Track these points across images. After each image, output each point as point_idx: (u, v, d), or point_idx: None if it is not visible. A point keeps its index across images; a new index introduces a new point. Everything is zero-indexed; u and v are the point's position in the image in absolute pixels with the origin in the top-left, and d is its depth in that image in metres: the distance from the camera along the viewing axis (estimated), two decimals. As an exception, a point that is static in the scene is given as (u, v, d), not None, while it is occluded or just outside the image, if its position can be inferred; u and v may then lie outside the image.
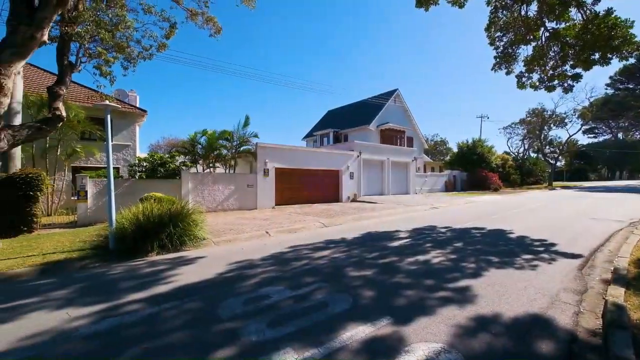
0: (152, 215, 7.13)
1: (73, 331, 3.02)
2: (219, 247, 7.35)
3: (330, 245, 6.92)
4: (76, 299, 3.96)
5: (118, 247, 6.78)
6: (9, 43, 6.78)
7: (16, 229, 9.39)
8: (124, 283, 4.63)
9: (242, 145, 16.73)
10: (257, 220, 11.20)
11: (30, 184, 9.77)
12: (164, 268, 5.42)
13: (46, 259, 6.17)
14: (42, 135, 8.15)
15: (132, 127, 18.16)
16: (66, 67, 8.55)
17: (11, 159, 10.77)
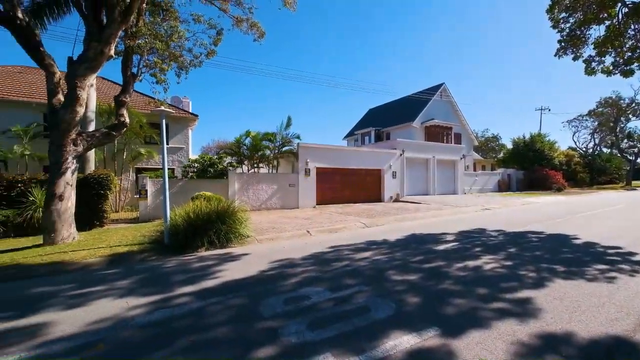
0: (201, 213, 7.57)
1: (130, 320, 3.28)
2: (262, 244, 7.56)
3: (372, 247, 6.72)
4: (135, 290, 4.32)
5: (172, 242, 7.32)
6: (84, 59, 7.67)
7: (91, 223, 10.62)
8: (176, 276, 4.95)
9: (284, 145, 17.12)
10: (298, 220, 11.34)
11: (102, 184, 11.00)
12: (211, 264, 5.70)
13: (113, 250, 6.88)
14: (110, 140, 9.13)
15: (185, 130, 19.60)
16: (129, 77, 9.46)
17: (87, 161, 12.23)
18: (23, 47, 7.30)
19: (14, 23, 7.07)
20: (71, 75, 7.55)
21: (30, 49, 7.36)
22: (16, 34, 7.15)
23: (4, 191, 9.86)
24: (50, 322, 3.33)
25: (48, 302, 3.94)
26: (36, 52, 7.41)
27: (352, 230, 9.29)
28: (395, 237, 7.77)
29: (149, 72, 9.49)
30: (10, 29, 7.07)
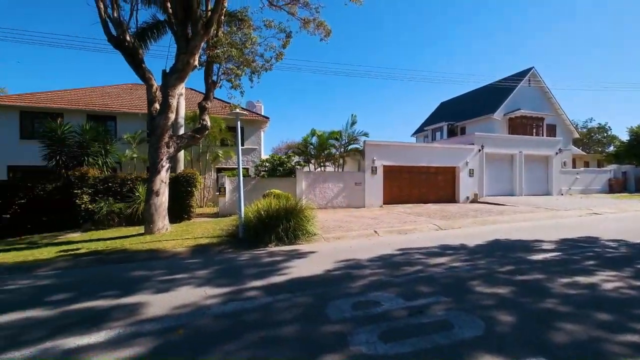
0: (270, 210, 7.86)
1: (206, 309, 3.46)
2: (328, 243, 7.48)
3: (448, 252, 6.03)
4: (212, 280, 4.62)
5: (245, 236, 7.78)
6: (174, 70, 8.66)
7: (180, 216, 12.05)
8: (247, 270, 5.17)
9: (351, 143, 16.92)
10: (365, 219, 11.02)
11: (189, 182, 12.39)
12: (279, 259, 5.82)
13: (196, 242, 7.61)
14: (195, 142, 10.20)
15: (257, 132, 20.97)
16: (210, 84, 10.40)
17: (178, 162, 13.96)
18: (129, 65, 8.62)
19: (123, 45, 8.38)
20: (164, 85, 8.63)
21: (135, 66, 8.64)
22: (125, 54, 8.47)
23: (118, 188, 11.87)
24: (144, 303, 3.73)
25: (143, 285, 4.47)
26: (139, 68, 8.66)
27: (423, 233, 8.59)
28: (475, 243, 6.87)
29: (226, 79, 10.29)
30: (121, 50, 8.40)
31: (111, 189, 11.79)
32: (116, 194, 11.77)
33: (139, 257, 6.55)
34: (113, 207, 11.28)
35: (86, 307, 3.68)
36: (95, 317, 3.35)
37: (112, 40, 8.21)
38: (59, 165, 12.18)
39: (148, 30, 13.94)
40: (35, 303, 3.90)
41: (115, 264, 6.18)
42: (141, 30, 13.69)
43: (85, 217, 11.29)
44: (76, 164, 12.39)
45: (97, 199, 11.46)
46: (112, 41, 8.22)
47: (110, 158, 13.79)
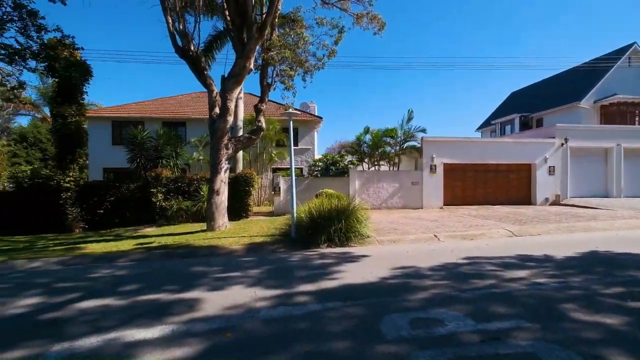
0: (321, 210, 7.70)
1: (255, 312, 3.38)
2: (382, 246, 7.04)
3: (529, 264, 5.13)
4: (263, 280, 4.59)
5: (298, 236, 7.75)
6: (231, 74, 9.04)
7: (239, 215, 12.68)
8: (298, 272, 5.04)
9: (407, 141, 16.00)
10: (423, 221, 10.23)
11: (247, 182, 12.98)
12: (330, 262, 5.60)
13: (251, 240, 7.82)
14: (251, 143, 10.58)
15: (311, 133, 21.18)
16: (265, 87, 10.69)
17: (237, 162, 14.76)
18: (193, 73, 9.27)
19: (188, 54, 9.04)
20: (222, 90, 9.08)
21: (197, 73, 9.26)
22: (189, 62, 9.12)
23: (186, 187, 12.97)
24: (199, 300, 3.82)
25: (201, 281, 4.64)
26: (201, 75, 9.26)
27: (494, 239, 7.57)
28: (563, 254, 5.76)
29: (279, 80, 10.47)
30: (186, 59, 9.08)
31: (180, 188, 12.94)
32: (184, 192, 12.89)
33: (200, 253, 6.94)
34: (181, 204, 12.35)
35: (150, 300, 3.91)
36: (156, 311, 3.52)
37: (178, 51, 8.91)
38: (139, 167, 13.78)
39: (213, 41, 15.01)
40: (111, 292, 4.29)
41: (180, 258, 6.63)
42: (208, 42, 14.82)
43: (159, 213, 12.57)
44: (152, 165, 13.88)
45: (169, 197, 12.68)
46: (179, 52, 8.91)
47: (180, 160, 15.18)
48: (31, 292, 4.48)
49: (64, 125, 12.94)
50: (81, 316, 3.47)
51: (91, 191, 13.21)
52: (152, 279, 4.95)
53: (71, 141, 13.28)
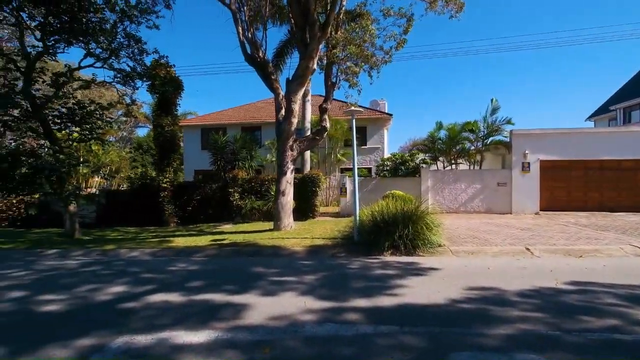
0: (386, 213, 7.10)
1: (300, 326, 3.14)
2: (457, 258, 6.10)
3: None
4: (316, 289, 4.34)
5: (360, 240, 7.34)
6: (295, 76, 9.12)
7: (306, 215, 12.86)
8: (354, 282, 4.65)
9: (491, 135, 13.93)
10: (511, 229, 8.66)
11: (314, 182, 13.09)
12: (392, 273, 5.04)
13: (313, 242, 7.72)
14: (315, 144, 10.56)
15: (380, 131, 20.35)
16: (329, 86, 10.53)
17: (305, 163, 15.04)
18: (261, 78, 9.67)
19: (256, 61, 9.47)
20: (287, 92, 9.24)
21: (265, 78, 9.63)
22: (257, 68, 9.55)
23: (259, 187, 13.77)
24: (249, 305, 3.78)
25: (256, 284, 4.65)
26: (268, 79, 9.60)
27: (613, 258, 5.85)
28: None
29: (344, 79, 10.18)
30: (254, 66, 9.53)
31: (253, 188, 13.80)
32: (257, 192, 13.70)
33: (264, 252, 7.13)
34: (254, 204, 13.15)
35: (206, 300, 4.05)
36: (208, 312, 3.59)
37: (247, 58, 9.41)
38: (219, 169, 15.20)
39: (284, 47, 15.68)
40: (178, 287, 4.62)
41: (247, 256, 6.91)
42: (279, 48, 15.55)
43: (236, 211, 13.64)
44: (230, 167, 15.15)
45: (244, 196, 13.65)
46: (247, 59, 9.41)
47: (254, 162, 16.22)
48: (122, 280, 5.15)
49: (162, 134, 15.09)
50: (148, 310, 3.76)
51: (182, 191, 15.11)
52: (215, 277, 5.20)
53: (167, 147, 15.42)
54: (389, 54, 10.57)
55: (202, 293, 4.30)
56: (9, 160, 8.98)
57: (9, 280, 5.45)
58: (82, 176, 19.50)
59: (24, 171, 9.55)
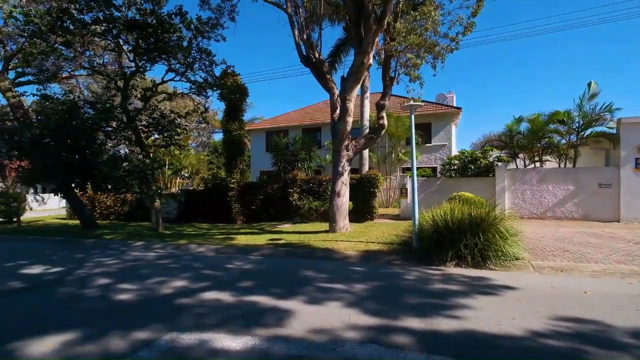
0: (450, 218, 6.32)
1: (339, 345, 2.86)
2: (540, 276, 5.07)
3: None
4: (364, 301, 4.00)
5: (420, 247, 6.68)
6: (350, 73, 8.82)
7: (364, 216, 12.45)
8: (409, 296, 4.16)
9: (590, 126, 11.52)
10: (618, 242, 6.96)
11: (371, 183, 12.59)
12: (455, 289, 4.38)
13: (367, 247, 7.32)
14: (372, 143, 10.10)
15: (447, 127, 18.70)
16: (388, 81, 9.94)
17: (363, 163, 14.62)
18: (316, 78, 9.61)
19: (311, 61, 9.45)
20: (342, 90, 8.99)
21: (319, 77, 9.55)
22: (312, 68, 9.52)
23: (317, 188, 13.83)
24: (292, 312, 3.65)
25: (303, 289, 4.51)
26: (322, 79, 9.50)
27: None
28: None
29: (404, 72, 9.50)
30: (309, 66, 9.52)
31: (312, 189, 13.92)
32: (315, 193, 13.78)
33: (316, 255, 7.02)
34: (311, 204, 13.24)
35: (253, 302, 4.05)
36: (251, 316, 3.57)
37: (302, 59, 9.44)
38: (279, 170, 15.76)
39: (341, 45, 15.53)
40: (230, 286, 4.77)
41: (300, 257, 6.89)
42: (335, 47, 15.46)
43: (295, 211, 13.94)
44: (290, 168, 15.58)
45: (302, 197, 13.86)
46: (303, 60, 9.44)
47: (313, 163, 16.41)
48: (185, 275, 5.55)
49: (230, 138, 16.28)
50: (199, 307, 3.91)
51: (247, 190, 16.07)
52: (266, 278, 5.24)
53: (234, 150, 16.57)
54: (456, 41, 9.51)
55: (250, 294, 4.34)
56: (109, 165, 10.63)
57: (102, 268, 6.37)
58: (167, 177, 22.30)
59: (119, 173, 11.21)
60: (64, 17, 10.75)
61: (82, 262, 6.94)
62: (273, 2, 9.54)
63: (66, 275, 5.82)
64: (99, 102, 12.03)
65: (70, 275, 5.87)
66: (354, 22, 8.38)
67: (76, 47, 12.11)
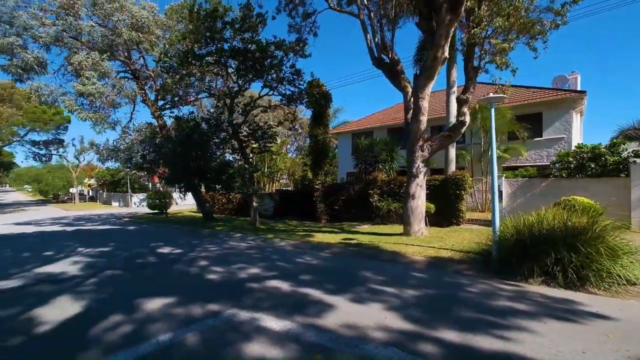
0: (537, 227, 5.40)
1: (364, 343, 2.98)
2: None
3: None
4: (408, 307, 3.94)
5: (500, 258, 5.92)
6: (423, 69, 8.46)
7: (448, 221, 11.56)
8: (461, 309, 3.87)
9: None
10: None
11: (457, 184, 11.58)
12: (523, 309, 3.82)
13: (438, 253, 6.90)
14: (450, 141, 9.33)
15: (566, 116, 15.41)
16: (470, 72, 9.02)
17: (449, 163, 13.49)
18: (388, 79, 9.54)
19: (382, 63, 9.43)
20: (414, 89, 8.65)
21: (392, 78, 9.43)
22: (384, 70, 9.48)
23: (397, 189, 13.50)
24: (333, 307, 3.94)
25: (354, 288, 4.72)
26: (395, 79, 9.34)
27: None
28: None
29: (489, 60, 8.44)
30: (381, 69, 9.54)
31: (392, 190, 13.68)
32: (395, 194, 13.48)
33: (382, 257, 7.04)
34: (390, 206, 13.02)
35: (305, 294, 4.51)
36: (298, 305, 4.02)
37: (375, 62, 9.49)
38: (361, 171, 15.99)
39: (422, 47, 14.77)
40: (291, 278, 5.36)
41: (365, 258, 7.05)
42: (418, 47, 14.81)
43: (375, 212, 13.96)
44: (371, 170, 15.63)
45: (382, 198, 13.76)
46: (375, 63, 9.49)
47: (395, 163, 16.01)
48: (260, 264, 6.48)
49: (315, 143, 17.46)
50: (260, 292, 4.61)
51: (330, 191, 16.90)
52: (325, 274, 5.65)
53: (320, 153, 17.69)
54: (561, 14, 7.91)
55: (305, 287, 4.82)
56: (217, 169, 13.00)
57: (206, 252, 7.98)
58: (266, 178, 25.32)
59: (226, 176, 13.52)
60: (189, 55, 13.69)
61: (195, 247, 8.82)
62: (347, 12, 9.91)
63: (182, 256, 7.56)
64: (212, 118, 14.79)
65: (185, 256, 7.59)
66: (424, 16, 7.96)
67: (197, 76, 15.20)
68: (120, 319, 3.68)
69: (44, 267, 6.63)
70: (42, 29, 15.40)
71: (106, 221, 17.86)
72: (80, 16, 15.94)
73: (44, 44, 15.49)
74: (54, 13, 15.63)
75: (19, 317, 3.88)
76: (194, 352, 2.90)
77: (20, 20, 14.88)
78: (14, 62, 15.34)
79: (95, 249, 8.82)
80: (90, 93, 14.63)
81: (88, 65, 14.78)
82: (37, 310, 4.05)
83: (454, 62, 12.55)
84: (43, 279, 5.66)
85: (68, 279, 5.59)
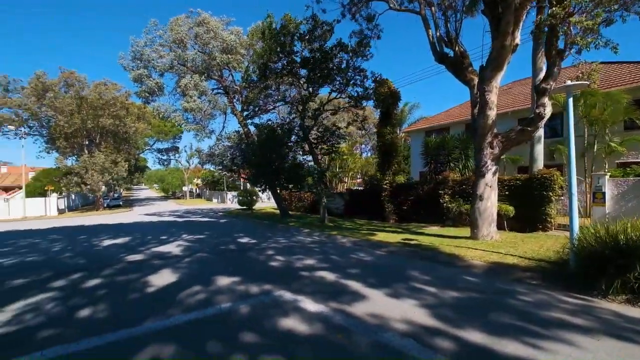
0: (623, 235, 4.58)
1: (383, 331, 3.26)
2: None
3: None
4: (442, 307, 3.97)
5: (578, 270, 5.21)
6: (489, 60, 7.89)
7: (533, 225, 10.28)
8: (500, 316, 3.71)
9: None
10: None
11: (543, 185, 10.22)
12: (577, 323, 3.44)
13: (502, 259, 6.40)
14: (525, 137, 8.34)
15: None
16: (554, 56, 7.94)
17: (534, 160, 11.86)
18: (452, 73, 9.05)
19: (445, 58, 9.02)
20: (480, 82, 8.05)
21: (456, 72, 8.92)
22: (447, 65, 9.05)
23: (470, 190, 12.52)
24: (367, 298, 4.25)
25: (393, 285, 4.90)
26: (460, 73, 8.80)
27: None
28: None
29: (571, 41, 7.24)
30: (443, 63, 9.14)
31: (465, 190, 12.74)
32: (468, 195, 12.51)
33: (438, 259, 6.88)
34: (462, 207, 12.16)
35: (346, 285, 4.92)
36: (337, 293, 4.47)
37: (437, 58, 9.12)
38: (431, 170, 15.28)
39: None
40: (339, 271, 5.82)
41: (420, 259, 6.99)
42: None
43: (445, 214, 13.23)
44: (443, 169, 14.80)
45: (453, 199, 12.95)
46: (438, 59, 9.11)
47: (470, 162, 14.76)
48: (317, 257, 7.13)
49: (383, 142, 17.36)
50: (307, 279, 5.23)
51: (399, 191, 16.59)
52: (372, 270, 5.94)
53: (388, 153, 17.49)
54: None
55: (348, 279, 5.23)
56: (289, 170, 14.32)
57: (275, 244, 9.07)
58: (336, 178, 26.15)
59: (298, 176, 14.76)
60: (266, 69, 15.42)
61: (268, 239, 10.06)
62: (408, 10, 9.81)
63: (255, 246, 8.80)
64: (285, 123, 16.28)
65: (257, 246, 8.81)
66: (487, 4, 7.34)
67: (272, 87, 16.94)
68: (199, 289, 4.77)
69: (158, 247, 8.67)
70: (159, 60, 19.42)
71: (206, 214, 21.40)
72: (187, 46, 19.49)
73: (160, 71, 19.48)
74: (168, 47, 19.52)
75: (139, 280, 5.37)
76: (242, 319, 3.66)
77: (145, 55, 19.08)
78: (143, 88, 19.76)
79: (194, 236, 10.91)
80: (192, 109, 17.81)
81: (191, 86, 18.01)
82: (149, 277, 5.52)
83: (541, 46, 11.00)
84: (156, 256, 7.48)
85: (172, 257, 7.26)
